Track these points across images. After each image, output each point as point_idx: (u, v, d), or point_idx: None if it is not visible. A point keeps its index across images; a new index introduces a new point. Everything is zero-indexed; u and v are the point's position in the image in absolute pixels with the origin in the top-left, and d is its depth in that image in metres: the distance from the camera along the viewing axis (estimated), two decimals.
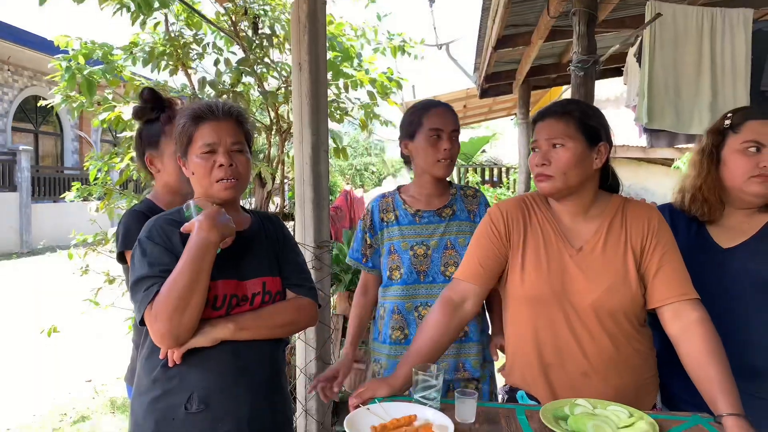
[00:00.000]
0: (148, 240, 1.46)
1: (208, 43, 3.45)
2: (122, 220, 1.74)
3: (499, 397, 1.71)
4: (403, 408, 1.38)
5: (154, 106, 1.83)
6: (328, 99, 3.27)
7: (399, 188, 2.18)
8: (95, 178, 3.45)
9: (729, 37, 3.41)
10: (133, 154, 3.19)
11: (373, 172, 20.27)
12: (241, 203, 1.69)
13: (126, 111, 3.02)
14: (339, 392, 1.91)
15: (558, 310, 1.52)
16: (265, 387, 1.54)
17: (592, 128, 1.54)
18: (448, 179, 2.10)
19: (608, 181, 1.63)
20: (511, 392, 1.65)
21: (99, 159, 3.40)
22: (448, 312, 1.59)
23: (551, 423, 1.33)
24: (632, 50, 4.20)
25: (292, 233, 1.77)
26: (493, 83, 6.66)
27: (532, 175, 1.61)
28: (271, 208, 3.91)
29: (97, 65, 3.21)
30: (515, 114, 9.09)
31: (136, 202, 3.33)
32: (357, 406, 1.42)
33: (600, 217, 1.58)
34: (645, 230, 1.53)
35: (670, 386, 1.66)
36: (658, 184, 10.75)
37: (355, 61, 3.72)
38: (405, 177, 11.51)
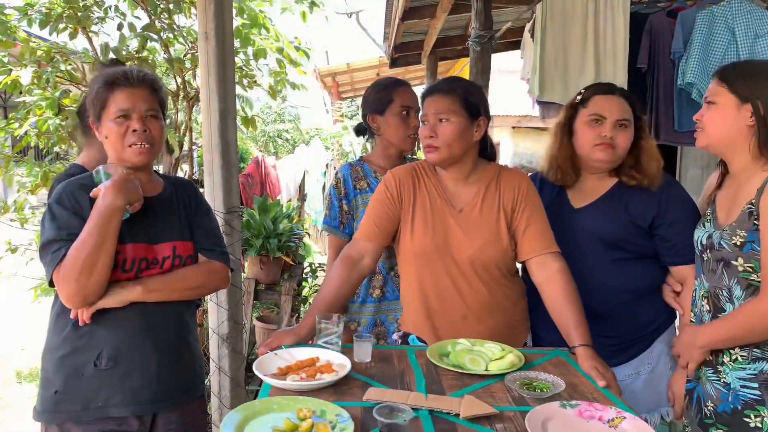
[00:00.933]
0: (57, 204, 1.49)
1: (110, 6, 3.36)
2: (53, 185, 1.79)
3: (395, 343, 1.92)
4: (307, 352, 1.54)
5: None
6: (237, 66, 3.30)
7: (362, 158, 2.28)
8: None
9: (610, 19, 3.74)
10: (33, 119, 3.11)
11: (287, 140, 19.92)
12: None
13: (24, 75, 2.92)
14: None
15: (441, 263, 1.74)
16: (174, 346, 1.62)
17: (473, 105, 1.74)
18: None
19: (487, 151, 1.85)
20: (405, 337, 1.87)
21: None
22: (348, 268, 1.76)
23: (436, 359, 1.55)
24: (528, 26, 4.48)
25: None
26: (403, 53, 6.79)
27: (421, 146, 1.79)
28: (180, 174, 3.90)
29: None
30: (425, 84, 9.28)
31: (37, 169, 3.26)
32: (266, 353, 1.56)
33: (478, 183, 1.79)
34: (515, 194, 1.76)
35: (539, 329, 1.91)
36: None
37: (263, 30, 3.72)
38: (318, 145, 11.49)
